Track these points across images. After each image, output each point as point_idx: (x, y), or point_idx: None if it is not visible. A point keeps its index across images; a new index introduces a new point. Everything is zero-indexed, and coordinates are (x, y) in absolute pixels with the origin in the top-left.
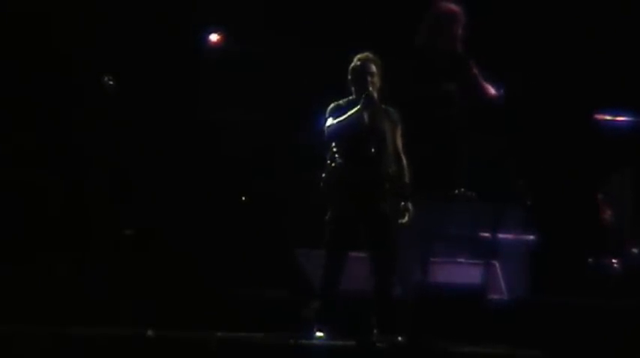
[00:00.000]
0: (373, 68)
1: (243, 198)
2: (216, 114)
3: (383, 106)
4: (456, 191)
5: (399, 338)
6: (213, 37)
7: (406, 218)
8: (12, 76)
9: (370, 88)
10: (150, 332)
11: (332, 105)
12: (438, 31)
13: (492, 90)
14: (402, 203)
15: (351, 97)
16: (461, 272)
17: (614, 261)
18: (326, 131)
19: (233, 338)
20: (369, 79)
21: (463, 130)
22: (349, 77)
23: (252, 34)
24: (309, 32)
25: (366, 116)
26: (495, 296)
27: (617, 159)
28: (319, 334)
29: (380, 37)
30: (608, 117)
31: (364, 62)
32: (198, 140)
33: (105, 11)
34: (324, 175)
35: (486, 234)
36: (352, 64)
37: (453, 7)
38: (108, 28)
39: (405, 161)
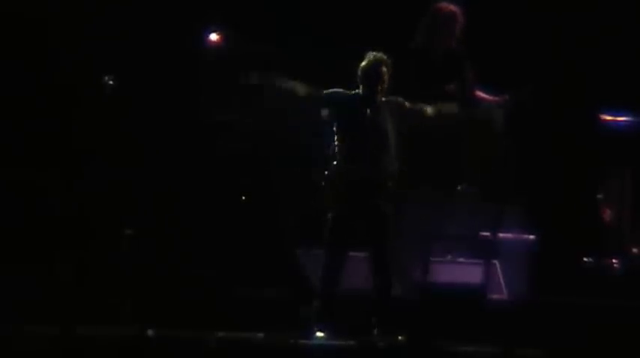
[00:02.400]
0: (384, 71)
1: (243, 198)
2: (215, 113)
3: (384, 99)
4: (458, 187)
5: (399, 338)
6: (213, 37)
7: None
8: (12, 74)
9: (377, 88)
10: (150, 332)
11: (335, 90)
12: (436, 30)
13: (484, 95)
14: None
15: (357, 91)
16: (461, 272)
17: (614, 260)
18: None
19: (233, 338)
20: (379, 84)
21: (465, 129)
22: (359, 74)
23: (252, 34)
24: (310, 32)
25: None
26: (495, 296)
27: (617, 159)
28: (319, 334)
29: (380, 37)
30: (608, 117)
31: (376, 66)
32: (198, 140)
33: (105, 11)
34: (326, 173)
35: (486, 234)
36: (364, 63)
37: (452, 6)
38: (108, 27)
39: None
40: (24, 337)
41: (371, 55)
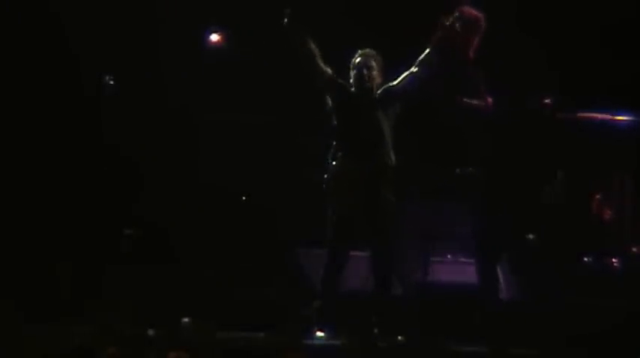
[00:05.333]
0: (372, 63)
1: (244, 198)
2: (216, 114)
3: (377, 94)
4: (458, 170)
5: (399, 338)
6: (214, 37)
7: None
8: (13, 74)
9: (368, 84)
10: (150, 332)
11: (340, 81)
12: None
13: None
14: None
15: (352, 89)
16: (461, 272)
17: (614, 260)
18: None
19: (233, 338)
20: (366, 73)
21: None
22: (350, 73)
23: (252, 34)
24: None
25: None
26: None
27: (617, 160)
28: (319, 334)
29: (383, 37)
30: (608, 117)
31: (364, 57)
32: (199, 140)
33: (105, 11)
34: (326, 176)
35: None
36: (353, 61)
37: (475, 12)
38: (108, 27)
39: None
40: (23, 337)
41: (360, 52)
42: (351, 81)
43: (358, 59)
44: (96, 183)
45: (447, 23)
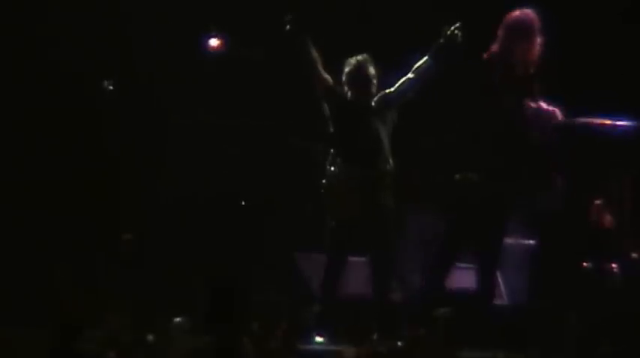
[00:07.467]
0: (369, 70)
1: (243, 202)
2: (215, 117)
3: (373, 102)
4: (456, 175)
5: (399, 343)
6: (213, 42)
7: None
8: (14, 77)
9: (364, 92)
10: (150, 337)
11: (334, 86)
12: (517, 41)
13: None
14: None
15: (348, 96)
16: (461, 276)
17: (613, 266)
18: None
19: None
20: (362, 81)
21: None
22: (346, 79)
23: (252, 38)
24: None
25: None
26: (496, 302)
27: (617, 163)
28: (319, 338)
29: (380, 41)
30: (608, 121)
31: (364, 68)
32: (199, 144)
33: (105, 14)
34: (324, 181)
35: None
36: (350, 68)
37: (530, 13)
38: (108, 31)
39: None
40: (20, 339)
41: (353, 59)
42: (347, 88)
43: (354, 66)
44: (95, 186)
45: (448, 32)
